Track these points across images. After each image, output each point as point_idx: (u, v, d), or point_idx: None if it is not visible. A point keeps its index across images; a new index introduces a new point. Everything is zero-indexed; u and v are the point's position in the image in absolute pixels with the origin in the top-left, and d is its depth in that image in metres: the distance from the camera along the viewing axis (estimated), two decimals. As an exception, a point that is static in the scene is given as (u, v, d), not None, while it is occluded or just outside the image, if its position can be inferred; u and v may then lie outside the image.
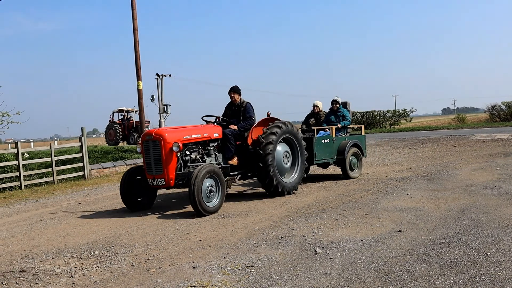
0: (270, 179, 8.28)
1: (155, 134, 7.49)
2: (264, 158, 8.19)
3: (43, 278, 4.62)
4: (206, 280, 4.29)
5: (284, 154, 8.77)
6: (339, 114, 10.86)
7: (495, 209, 6.58)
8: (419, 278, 4.09)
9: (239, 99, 8.90)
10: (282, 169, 8.67)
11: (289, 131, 8.83)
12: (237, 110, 8.85)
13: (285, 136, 8.75)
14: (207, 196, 7.22)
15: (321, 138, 10.04)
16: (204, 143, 8.16)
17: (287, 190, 8.58)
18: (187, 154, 7.76)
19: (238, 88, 8.96)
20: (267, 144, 8.24)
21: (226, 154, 8.38)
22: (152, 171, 7.51)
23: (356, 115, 34.24)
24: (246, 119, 8.74)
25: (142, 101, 19.06)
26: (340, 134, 10.70)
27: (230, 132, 8.40)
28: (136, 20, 18.41)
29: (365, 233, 5.71)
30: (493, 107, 32.16)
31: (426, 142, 17.75)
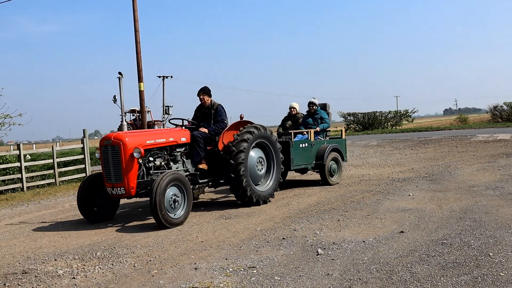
0: (243, 190, 7.70)
1: (114, 138, 6.82)
2: (235, 168, 7.61)
3: (45, 279, 4.62)
4: (208, 281, 4.29)
5: (258, 160, 8.17)
6: (317, 117, 10.29)
7: (497, 210, 6.57)
8: (421, 279, 4.08)
9: (210, 101, 8.32)
10: (256, 177, 8.09)
11: (263, 135, 8.21)
12: (208, 112, 8.30)
13: (258, 141, 8.15)
14: (171, 207, 6.61)
15: (298, 142, 9.46)
16: (170, 148, 7.57)
17: (262, 199, 7.99)
18: (151, 161, 7.17)
19: (208, 89, 8.39)
20: (238, 152, 7.65)
21: (194, 158, 7.79)
22: (111, 179, 6.86)
23: (358, 116, 34.23)
24: (218, 122, 8.15)
25: (143, 103, 19.06)
26: (319, 137, 10.17)
27: (200, 134, 7.82)
28: (137, 21, 18.42)
29: (367, 234, 5.71)
30: (495, 107, 32.09)
31: (428, 142, 17.73)
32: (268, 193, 8.21)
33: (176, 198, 6.69)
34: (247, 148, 7.77)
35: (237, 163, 7.61)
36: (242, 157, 7.65)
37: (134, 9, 18.39)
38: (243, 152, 7.68)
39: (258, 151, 8.28)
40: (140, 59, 18.52)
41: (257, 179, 8.15)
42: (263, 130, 8.23)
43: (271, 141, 8.41)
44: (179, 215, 6.74)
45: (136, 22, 18.42)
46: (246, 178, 7.71)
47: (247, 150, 7.78)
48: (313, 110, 10.32)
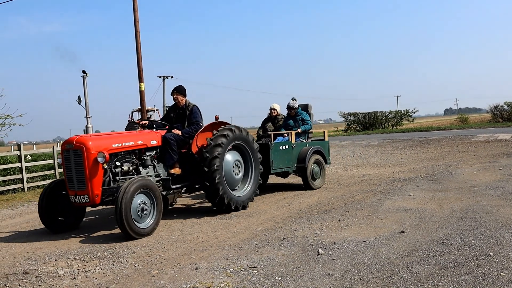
0: (220, 198, 7.25)
1: (76, 142, 6.30)
2: (210, 176, 7.13)
3: (46, 280, 4.63)
4: (208, 282, 4.29)
5: (235, 164, 7.71)
6: (298, 118, 9.87)
7: (498, 210, 6.57)
8: (422, 278, 4.08)
9: (184, 101, 7.81)
10: (233, 182, 7.64)
11: (239, 137, 7.72)
12: (182, 113, 7.80)
13: (235, 143, 7.71)
14: (138, 216, 6.13)
15: (278, 145, 9.02)
16: (139, 152, 7.05)
17: (241, 204, 7.58)
18: (118, 166, 6.63)
19: (182, 88, 7.87)
20: (212, 159, 7.15)
21: (167, 162, 7.29)
22: (74, 186, 6.34)
23: (358, 115, 34.22)
24: (192, 124, 7.66)
25: (144, 103, 19.09)
26: (300, 139, 9.76)
27: (172, 137, 7.32)
28: (138, 22, 18.45)
29: (368, 234, 5.71)
30: (496, 107, 32.08)
31: (429, 142, 17.72)
32: (247, 198, 7.78)
33: (144, 206, 6.21)
34: (221, 153, 7.28)
35: (211, 171, 7.12)
36: (216, 164, 7.16)
37: (135, 9, 18.40)
38: (218, 158, 7.18)
39: (234, 154, 7.82)
40: (140, 59, 18.53)
41: (234, 184, 7.72)
42: (239, 132, 7.72)
43: (248, 142, 7.93)
44: (147, 224, 6.26)
45: (136, 22, 18.44)
46: (222, 185, 7.23)
47: (221, 155, 7.29)
48: (293, 113, 9.91)
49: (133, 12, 18.43)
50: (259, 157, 8.15)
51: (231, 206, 7.38)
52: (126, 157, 6.82)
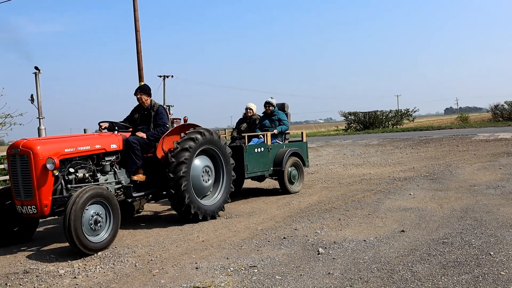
0: (187, 207, 6.66)
1: (23, 146, 5.62)
2: (176, 183, 6.55)
3: (47, 279, 4.63)
4: (209, 281, 4.30)
5: (204, 170, 7.07)
6: (275, 118, 9.36)
7: (498, 209, 6.57)
8: (422, 278, 4.08)
9: (149, 101, 7.20)
10: (201, 189, 7.02)
11: (209, 141, 7.11)
12: (147, 115, 7.17)
13: (204, 147, 7.08)
14: (91, 229, 5.46)
15: (253, 147, 8.49)
16: (97, 157, 6.37)
17: (210, 214, 7.00)
18: (71, 172, 5.97)
19: (147, 88, 7.28)
20: (178, 164, 6.58)
21: (129, 168, 6.63)
22: (20, 195, 5.65)
23: (359, 115, 34.22)
24: (158, 126, 7.03)
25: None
26: (277, 141, 9.24)
27: (136, 140, 6.67)
28: (138, 21, 18.46)
29: (368, 233, 5.71)
30: (496, 106, 32.10)
31: (429, 142, 17.72)
32: (217, 207, 7.17)
33: (98, 218, 5.54)
34: (189, 158, 6.68)
35: (177, 177, 6.54)
36: (183, 170, 6.57)
37: (135, 9, 18.41)
38: (184, 163, 6.60)
39: (204, 159, 7.19)
40: (140, 59, 18.55)
41: (203, 192, 7.11)
42: (209, 135, 7.12)
43: (219, 147, 7.31)
44: (102, 238, 5.58)
45: (136, 22, 18.45)
46: (189, 193, 6.65)
47: (189, 161, 6.69)
48: (269, 111, 9.42)
49: (133, 12, 18.44)
50: (232, 163, 7.55)
51: (198, 215, 6.76)
52: (81, 163, 6.14)
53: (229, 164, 7.48)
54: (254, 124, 9.55)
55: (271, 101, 9.47)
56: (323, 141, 21.24)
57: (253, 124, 9.56)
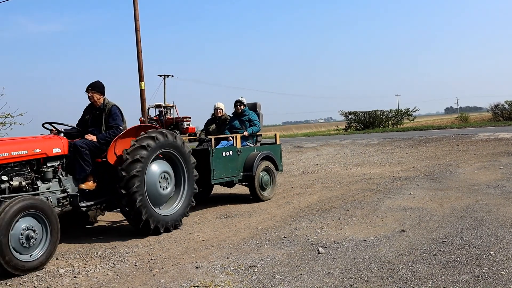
0: (137, 212, 5.93)
1: None
2: (127, 183, 5.84)
3: (47, 278, 4.63)
4: (209, 280, 4.30)
5: (162, 176, 6.34)
6: (245, 119, 8.74)
7: (499, 209, 6.57)
8: (422, 277, 4.08)
9: (102, 100, 6.52)
10: (157, 197, 6.28)
11: (170, 144, 6.44)
12: (99, 115, 6.49)
13: (164, 151, 6.42)
14: (22, 246, 4.74)
15: (221, 150, 7.83)
16: (37, 163, 5.65)
17: (164, 225, 6.24)
18: (5, 181, 5.26)
19: (99, 85, 6.54)
20: (133, 162, 5.89)
21: (77, 175, 5.91)
22: None
23: (359, 114, 34.22)
24: (111, 127, 6.35)
25: (144, 102, 19.08)
26: (247, 144, 8.62)
27: (84, 144, 5.96)
28: (138, 21, 18.45)
29: (368, 232, 5.71)
30: (496, 106, 32.09)
31: (429, 141, 17.72)
32: (174, 218, 6.41)
33: (30, 233, 4.82)
34: (146, 157, 6.01)
35: (130, 176, 5.81)
36: (137, 168, 5.86)
37: (135, 8, 18.41)
38: (140, 162, 5.91)
39: (163, 164, 6.47)
40: (141, 58, 18.54)
41: (161, 201, 6.38)
42: (171, 138, 6.46)
43: (181, 152, 6.61)
44: (35, 256, 4.86)
45: (137, 21, 18.45)
46: (142, 196, 5.90)
47: (146, 160, 6.00)
48: (240, 110, 8.79)
49: (133, 11, 18.44)
50: (195, 174, 6.87)
51: (150, 224, 6.03)
52: (17, 169, 5.42)
53: (191, 169, 6.77)
54: (223, 125, 8.94)
55: (242, 100, 8.84)
56: (323, 141, 21.23)
57: (223, 125, 8.95)
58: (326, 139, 22.51)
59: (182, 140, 6.71)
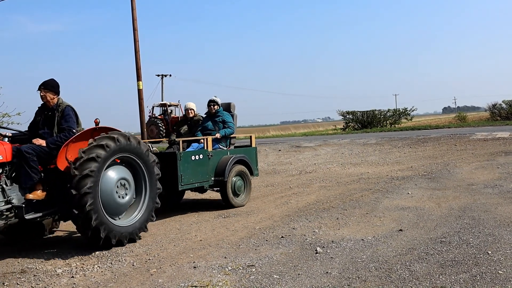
0: (94, 230, 5.38)
1: None
2: (79, 202, 5.25)
3: (44, 278, 4.62)
4: (207, 280, 4.29)
5: (120, 183, 5.76)
6: (218, 120, 8.23)
7: (496, 208, 6.58)
8: (420, 277, 4.08)
9: (56, 100, 5.93)
10: (115, 207, 5.72)
11: (128, 148, 5.83)
12: (51, 116, 5.90)
13: (122, 156, 5.84)
14: None
15: (189, 154, 7.33)
16: None
17: (126, 237, 5.71)
18: None
19: (53, 84, 5.99)
20: (82, 178, 5.27)
21: (23, 183, 5.34)
22: None
23: (357, 114, 34.23)
24: (63, 130, 5.75)
25: (142, 101, 19.05)
26: (220, 146, 8.12)
27: (31, 149, 5.40)
28: (136, 20, 18.42)
29: (366, 232, 5.71)
30: (494, 105, 32.13)
31: (427, 141, 17.73)
32: (137, 227, 5.90)
33: None
34: (97, 170, 5.38)
35: (80, 194, 5.24)
36: (88, 185, 5.27)
37: (133, 8, 18.39)
38: (90, 177, 5.31)
39: (121, 170, 5.89)
40: (138, 58, 18.52)
41: (118, 210, 5.80)
42: (126, 141, 5.81)
43: (140, 155, 6.01)
44: None
45: (134, 21, 18.42)
46: (97, 214, 5.35)
47: (97, 173, 5.39)
48: (213, 110, 8.27)
49: (131, 11, 18.41)
50: (157, 173, 6.27)
51: (110, 240, 5.51)
52: None
53: (153, 176, 6.18)
54: (195, 126, 8.47)
55: (216, 99, 8.32)
56: (321, 140, 21.24)
57: (195, 126, 8.48)
58: (324, 139, 22.52)
59: (146, 147, 6.13)
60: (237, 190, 7.96)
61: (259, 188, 10.00)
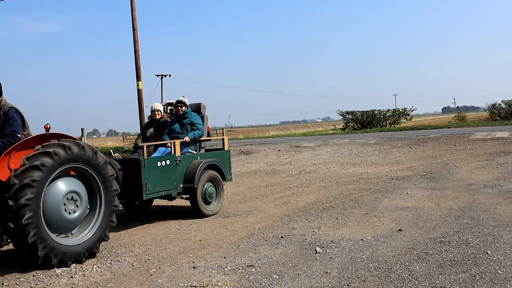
0: (31, 247, 4.75)
1: None
2: (16, 214, 4.67)
3: (43, 278, 4.62)
4: (206, 280, 4.29)
5: (70, 196, 5.11)
6: (186, 122, 7.64)
7: (495, 208, 6.58)
8: (420, 277, 4.09)
9: None
10: (62, 223, 5.08)
11: (80, 158, 5.17)
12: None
13: (73, 166, 5.18)
14: None
15: (155, 160, 6.72)
16: None
17: (71, 258, 5.00)
18: None
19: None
20: (22, 188, 4.69)
21: None
22: None
23: (356, 114, 34.24)
24: (7, 135, 5.14)
25: (142, 102, 19.06)
26: (189, 150, 7.51)
27: None
28: (135, 20, 18.43)
29: (366, 232, 5.71)
30: (493, 105, 32.15)
31: (426, 141, 17.74)
32: (85, 248, 5.17)
33: None
34: (40, 180, 4.78)
35: (18, 206, 4.64)
36: (27, 196, 4.67)
37: (132, 8, 18.40)
38: (31, 187, 4.71)
39: (72, 182, 5.24)
40: (138, 58, 18.54)
41: (64, 227, 5.15)
42: (80, 150, 5.18)
43: (96, 167, 5.36)
44: None
45: (134, 21, 18.43)
46: (36, 229, 4.72)
47: (40, 184, 4.78)
48: (181, 112, 7.69)
49: (130, 11, 18.42)
50: (115, 189, 5.60)
51: (51, 259, 4.85)
52: None
53: (110, 189, 5.53)
54: (162, 129, 7.86)
55: (184, 100, 7.74)
56: (321, 140, 21.24)
57: (162, 129, 7.87)
58: (323, 139, 22.52)
59: (104, 159, 5.49)
60: (208, 197, 7.34)
61: (259, 188, 10.00)
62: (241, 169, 13.89)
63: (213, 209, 7.44)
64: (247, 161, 15.83)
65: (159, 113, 7.95)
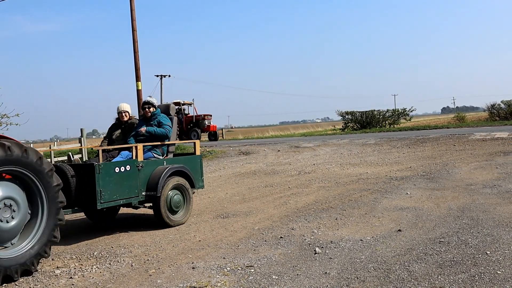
0: None
1: None
2: None
3: (43, 279, 4.62)
4: (205, 281, 4.29)
5: (6, 203, 4.63)
6: (154, 123, 7.14)
7: (495, 208, 6.58)
8: (419, 277, 4.09)
9: None
10: None
11: (19, 161, 4.68)
12: None
13: (10, 170, 4.69)
14: None
15: (113, 165, 6.15)
16: None
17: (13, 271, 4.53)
18: None
19: None
20: None
21: None
22: None
23: (356, 114, 34.25)
24: None
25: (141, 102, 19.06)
26: (154, 155, 6.97)
27: None
28: (135, 21, 18.43)
29: (365, 232, 5.71)
30: (493, 106, 32.17)
31: (426, 141, 17.74)
32: (27, 259, 4.68)
33: None
34: None
35: None
36: None
37: (132, 8, 18.39)
38: None
39: (8, 187, 4.74)
40: (137, 58, 18.53)
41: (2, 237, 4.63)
42: (21, 153, 4.70)
43: (37, 171, 4.86)
44: None
45: (133, 21, 18.42)
46: None
47: None
48: (149, 114, 7.18)
49: (130, 11, 18.42)
50: (59, 198, 5.10)
51: None
52: None
53: (53, 196, 5.03)
54: (130, 131, 7.31)
55: (151, 100, 7.29)
56: (320, 141, 21.24)
57: (129, 131, 7.32)
58: (323, 139, 22.51)
59: (38, 155, 4.91)
60: (173, 207, 6.74)
61: (258, 188, 9.99)
62: (241, 169, 13.89)
63: (180, 219, 6.86)
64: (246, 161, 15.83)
65: (127, 115, 7.41)
